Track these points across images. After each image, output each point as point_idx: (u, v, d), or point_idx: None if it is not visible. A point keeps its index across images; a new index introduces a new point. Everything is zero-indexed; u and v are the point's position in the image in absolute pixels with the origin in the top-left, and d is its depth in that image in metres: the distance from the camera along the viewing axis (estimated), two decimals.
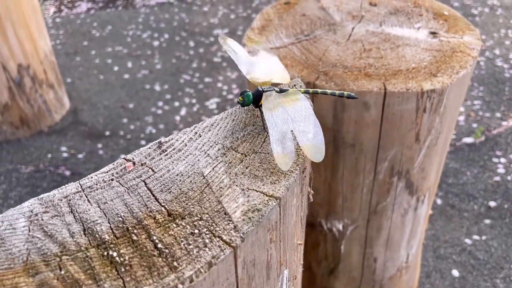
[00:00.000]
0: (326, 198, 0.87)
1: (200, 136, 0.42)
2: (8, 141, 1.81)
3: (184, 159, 0.39)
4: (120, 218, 0.34)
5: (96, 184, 0.37)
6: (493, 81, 2.01)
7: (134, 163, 0.39)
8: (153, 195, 0.36)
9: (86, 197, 0.36)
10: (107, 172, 0.38)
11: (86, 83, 2.16)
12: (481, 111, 1.84)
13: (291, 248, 0.42)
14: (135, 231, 0.33)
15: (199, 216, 0.34)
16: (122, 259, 0.31)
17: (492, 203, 1.45)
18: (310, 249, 0.96)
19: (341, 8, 0.93)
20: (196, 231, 0.33)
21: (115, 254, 0.31)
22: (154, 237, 0.33)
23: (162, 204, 0.35)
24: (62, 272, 0.30)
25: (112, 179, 0.38)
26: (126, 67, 2.27)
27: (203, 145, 0.41)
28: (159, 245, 0.32)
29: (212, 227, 0.33)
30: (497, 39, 2.30)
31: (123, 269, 0.30)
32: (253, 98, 0.44)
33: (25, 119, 1.81)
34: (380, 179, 0.81)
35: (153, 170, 0.38)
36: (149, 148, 0.41)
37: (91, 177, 0.38)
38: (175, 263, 0.31)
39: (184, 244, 0.32)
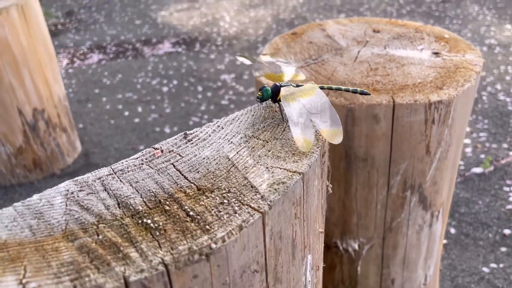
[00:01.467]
0: (341, 216, 0.87)
1: (223, 128, 0.44)
2: (21, 184, 1.83)
3: (209, 146, 0.41)
4: (152, 193, 0.36)
5: (127, 168, 0.39)
6: (497, 114, 2.04)
7: (162, 151, 0.41)
8: (182, 175, 0.38)
9: (118, 178, 0.38)
10: (137, 158, 0.40)
11: (98, 128, 2.21)
12: (488, 142, 1.86)
13: (313, 232, 0.42)
14: (167, 202, 0.35)
15: (227, 189, 0.36)
16: (156, 225, 0.32)
17: (507, 231, 1.44)
18: (327, 272, 0.96)
19: (346, 35, 0.98)
20: (226, 201, 0.34)
21: (149, 221, 0.33)
22: (186, 207, 0.34)
23: (191, 181, 0.37)
24: (100, 237, 0.32)
25: (142, 163, 0.40)
26: (136, 112, 2.33)
27: (226, 135, 0.43)
28: (191, 213, 0.33)
29: (240, 197, 0.35)
30: (497, 75, 2.35)
31: (157, 233, 0.32)
32: (272, 92, 0.46)
33: (38, 162, 1.84)
34: (393, 194, 0.82)
35: (180, 155, 0.40)
36: (175, 138, 0.43)
37: (122, 163, 0.40)
38: (207, 227, 0.32)
39: (214, 212, 0.33)
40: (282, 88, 0.46)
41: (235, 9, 3.61)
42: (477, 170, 1.70)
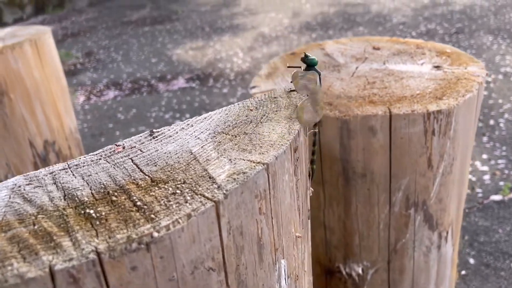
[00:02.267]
0: (342, 238, 0.82)
1: (192, 126, 0.42)
2: None
3: (173, 142, 0.39)
4: (102, 185, 0.33)
5: (83, 163, 0.37)
6: None
7: (124, 147, 0.39)
8: (138, 168, 0.35)
9: (72, 172, 0.35)
10: (96, 154, 0.38)
11: None
12: (507, 169, 1.78)
13: (287, 235, 0.39)
14: (116, 193, 0.32)
15: (183, 180, 0.33)
16: (98, 215, 0.30)
17: None
18: None
19: (345, 53, 0.96)
20: (178, 191, 0.32)
21: (92, 211, 0.30)
22: (134, 197, 0.31)
23: (146, 173, 0.34)
24: (36, 227, 0.29)
25: (100, 159, 0.37)
26: None
27: (194, 132, 0.41)
28: (138, 203, 0.31)
29: (195, 188, 0.32)
30: None
31: (98, 223, 0.29)
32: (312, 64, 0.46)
33: None
34: (396, 212, 0.77)
35: (141, 151, 0.38)
36: (141, 136, 0.41)
37: (79, 158, 0.37)
38: (152, 216, 0.29)
39: (164, 202, 0.31)
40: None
41: (248, 46, 3.67)
42: (496, 197, 1.62)
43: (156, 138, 0.40)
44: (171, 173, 0.34)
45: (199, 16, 4.83)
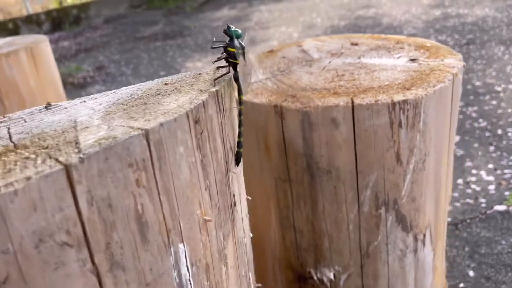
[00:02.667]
0: (311, 240, 0.77)
1: (96, 99, 0.39)
2: None
3: (65, 113, 0.36)
4: None
5: None
6: None
7: (9, 118, 0.36)
8: (10, 135, 0.32)
9: None
10: None
11: None
12: None
13: (187, 216, 0.35)
14: None
15: (46, 146, 0.29)
16: None
17: None
18: None
19: (322, 49, 0.92)
20: (33, 156, 0.28)
21: None
22: None
23: (13, 140, 0.31)
24: None
25: None
26: None
27: (93, 104, 0.37)
28: None
29: (52, 153, 0.28)
30: None
31: None
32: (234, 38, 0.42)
33: None
34: (365, 212, 0.72)
35: (25, 121, 0.35)
36: (35, 108, 0.38)
37: None
38: None
39: (10, 166, 0.27)
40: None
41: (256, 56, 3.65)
42: (501, 207, 1.53)
43: (50, 110, 0.37)
44: (39, 139, 0.31)
45: (210, 31, 4.86)
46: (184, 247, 0.34)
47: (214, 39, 0.46)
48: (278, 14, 5.09)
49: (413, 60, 0.80)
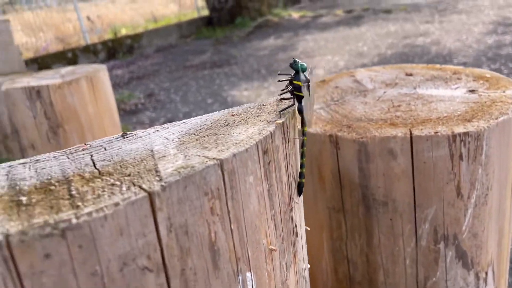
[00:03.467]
0: (366, 273, 0.76)
1: (167, 129, 0.41)
2: None
3: (140, 142, 0.38)
4: (49, 176, 0.32)
5: (45, 158, 0.36)
6: None
7: (91, 146, 0.38)
8: (93, 162, 0.34)
9: (29, 166, 0.35)
10: (62, 151, 0.38)
11: None
12: None
13: (254, 245, 0.35)
14: (57, 183, 0.31)
15: (128, 173, 0.31)
16: (28, 201, 0.28)
17: None
18: None
19: (375, 79, 0.92)
20: (118, 182, 0.30)
21: (24, 198, 0.29)
22: (72, 187, 0.30)
23: (97, 167, 0.33)
24: None
25: (62, 155, 0.37)
26: None
27: (166, 133, 0.39)
28: (73, 192, 0.29)
29: (135, 180, 0.30)
30: None
31: (24, 208, 0.28)
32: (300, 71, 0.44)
33: None
34: (423, 246, 0.70)
35: (105, 149, 0.37)
36: (112, 137, 0.40)
37: (43, 155, 0.37)
38: (79, 203, 0.27)
39: (98, 192, 0.29)
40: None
41: None
42: None
43: (126, 138, 0.39)
44: (121, 167, 0.32)
45: (256, 59, 4.96)
46: (251, 275, 0.35)
47: (279, 72, 0.47)
48: (323, 43, 5.13)
49: (472, 91, 0.78)
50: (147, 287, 0.29)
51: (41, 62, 5.14)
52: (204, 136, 0.37)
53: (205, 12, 7.31)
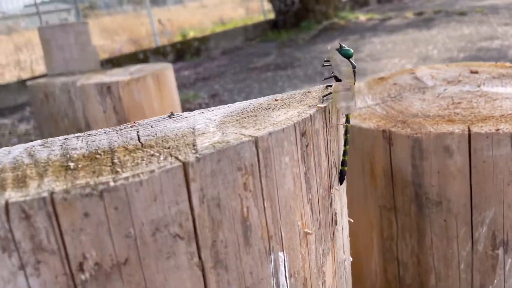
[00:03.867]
0: (416, 275, 0.73)
1: (212, 111, 0.42)
2: None
3: (185, 122, 0.39)
4: (97, 147, 0.34)
5: (96, 133, 0.39)
6: None
7: (139, 124, 0.40)
8: (138, 136, 0.36)
9: (82, 138, 0.38)
10: (113, 128, 0.40)
11: None
12: None
13: (288, 226, 0.35)
14: (102, 153, 0.33)
15: (168, 146, 0.33)
16: (74, 166, 0.31)
17: None
18: None
19: (436, 77, 0.89)
20: (157, 153, 0.31)
21: (72, 164, 0.31)
22: (115, 156, 0.32)
23: (141, 141, 0.35)
24: (19, 173, 0.31)
25: (112, 131, 0.39)
26: None
27: (210, 115, 0.40)
28: (115, 160, 0.31)
29: (173, 152, 0.31)
30: None
31: (70, 172, 0.30)
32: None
33: None
34: (480, 251, 0.66)
35: (152, 126, 0.39)
36: (160, 116, 0.42)
37: (96, 130, 0.39)
38: (118, 169, 0.29)
39: (138, 160, 0.30)
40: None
41: None
42: None
43: (172, 118, 0.41)
44: (162, 141, 0.34)
45: (320, 62, 4.91)
46: (284, 256, 0.35)
47: (325, 59, 0.47)
48: (391, 45, 4.99)
49: None
50: (178, 253, 0.30)
51: (115, 63, 5.44)
52: (245, 117, 0.38)
53: (271, 16, 7.37)
